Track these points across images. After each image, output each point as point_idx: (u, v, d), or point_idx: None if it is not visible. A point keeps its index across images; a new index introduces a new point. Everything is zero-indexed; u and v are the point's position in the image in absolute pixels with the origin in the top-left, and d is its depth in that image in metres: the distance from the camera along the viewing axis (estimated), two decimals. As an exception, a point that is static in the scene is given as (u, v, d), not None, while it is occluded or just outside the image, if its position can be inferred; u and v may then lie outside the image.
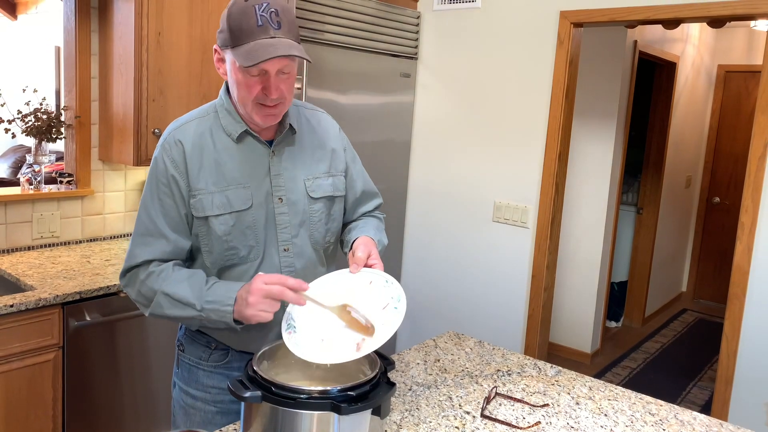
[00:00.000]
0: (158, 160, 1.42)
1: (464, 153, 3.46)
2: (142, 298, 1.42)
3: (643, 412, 1.57)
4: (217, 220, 1.40)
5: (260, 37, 1.29)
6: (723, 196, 5.89)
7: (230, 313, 1.31)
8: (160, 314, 1.40)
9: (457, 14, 3.43)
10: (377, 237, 1.54)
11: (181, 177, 1.40)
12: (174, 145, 1.41)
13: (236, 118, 1.44)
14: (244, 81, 1.34)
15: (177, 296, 1.36)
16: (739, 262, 2.68)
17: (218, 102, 1.47)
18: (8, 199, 2.64)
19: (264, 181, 1.45)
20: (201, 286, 1.36)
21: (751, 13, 2.57)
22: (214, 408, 1.53)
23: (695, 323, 5.53)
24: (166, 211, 1.41)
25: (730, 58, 5.69)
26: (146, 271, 1.41)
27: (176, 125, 1.45)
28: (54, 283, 2.29)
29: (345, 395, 1.12)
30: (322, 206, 1.52)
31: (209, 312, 1.33)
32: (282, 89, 1.36)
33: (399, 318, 1.26)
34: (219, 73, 1.43)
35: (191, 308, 1.35)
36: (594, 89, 4.28)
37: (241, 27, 1.29)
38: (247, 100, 1.36)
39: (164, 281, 1.38)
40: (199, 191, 1.40)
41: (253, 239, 1.44)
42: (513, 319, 3.33)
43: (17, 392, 2.14)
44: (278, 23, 1.30)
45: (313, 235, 1.52)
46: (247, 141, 1.45)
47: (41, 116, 2.71)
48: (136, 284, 1.42)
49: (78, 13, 2.72)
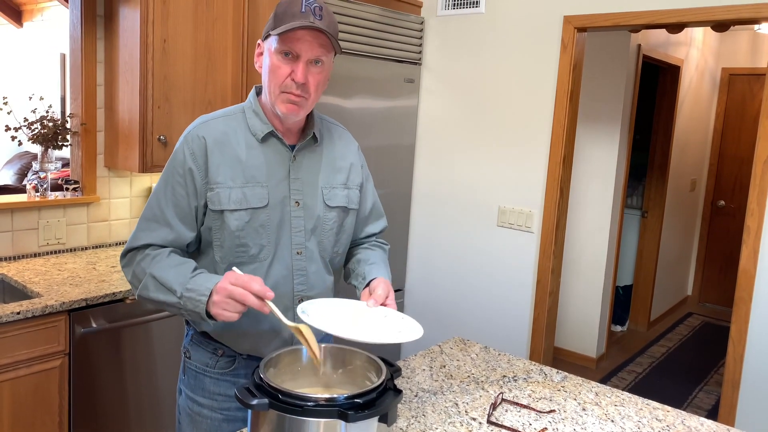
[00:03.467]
0: (178, 152, 1.45)
1: (468, 157, 3.46)
2: (135, 279, 1.44)
3: (650, 418, 1.57)
4: (232, 215, 1.42)
5: (300, 19, 1.36)
6: (728, 199, 5.87)
7: (204, 303, 1.30)
8: (146, 296, 1.41)
9: (460, 20, 3.43)
10: (390, 278, 1.58)
11: (198, 170, 1.43)
12: (196, 138, 1.44)
13: (263, 119, 1.48)
14: (277, 63, 1.40)
15: (162, 280, 1.37)
16: (745, 265, 2.68)
17: (246, 104, 1.52)
18: (15, 207, 2.65)
19: (282, 183, 1.47)
20: (186, 273, 1.37)
21: (755, 17, 2.57)
22: (221, 415, 1.54)
23: (701, 327, 5.51)
24: (176, 200, 1.44)
25: (734, 61, 5.69)
26: (143, 253, 1.44)
27: (201, 121, 1.49)
28: (60, 290, 2.30)
29: (352, 402, 1.12)
30: (335, 216, 1.55)
31: (186, 300, 1.33)
32: (310, 80, 1.41)
33: (418, 332, 1.31)
34: (256, 67, 1.49)
35: (172, 294, 1.35)
36: (598, 93, 4.28)
37: (285, 11, 1.38)
38: (274, 86, 1.41)
39: (155, 264, 1.40)
40: (218, 185, 1.42)
41: (265, 238, 1.46)
42: (518, 324, 3.33)
43: (24, 399, 2.14)
44: (320, 15, 1.38)
45: (322, 242, 1.54)
46: (271, 142, 1.48)
47: (47, 124, 2.72)
48: (132, 265, 1.44)
49: (84, 21, 2.74)
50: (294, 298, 1.50)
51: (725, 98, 5.79)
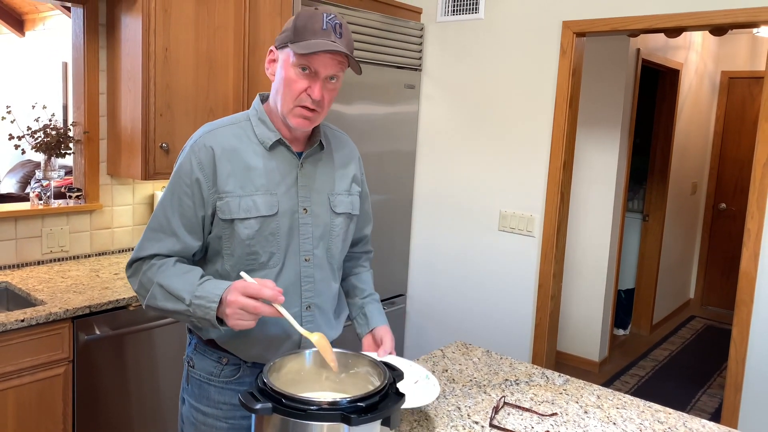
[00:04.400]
0: (184, 162, 1.45)
1: (469, 162, 3.47)
2: (142, 289, 1.44)
3: (652, 421, 1.57)
4: (242, 223, 1.43)
5: (322, 37, 1.38)
6: (729, 202, 5.88)
7: (213, 310, 1.32)
8: (154, 306, 1.41)
9: (460, 26, 3.45)
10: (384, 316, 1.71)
11: (206, 180, 1.43)
12: (204, 147, 1.44)
13: (270, 127, 1.48)
14: (294, 77, 1.41)
15: (170, 288, 1.38)
16: (745, 268, 2.68)
17: (251, 112, 1.52)
18: (18, 215, 2.67)
19: (291, 191, 1.48)
20: (194, 281, 1.38)
21: (753, 21, 2.58)
22: (225, 424, 1.53)
23: (704, 330, 5.51)
24: (183, 210, 1.44)
25: (733, 64, 5.70)
26: (149, 263, 1.44)
27: (207, 129, 1.49)
28: (64, 298, 2.31)
29: (355, 406, 1.13)
30: (342, 222, 1.57)
31: (196, 307, 1.34)
32: (324, 96, 1.42)
33: (436, 387, 1.48)
34: (267, 74, 1.50)
35: (181, 302, 1.36)
36: (598, 98, 4.30)
37: (306, 26, 1.39)
38: (288, 99, 1.42)
39: (162, 273, 1.41)
40: (227, 194, 1.43)
41: (275, 246, 1.46)
42: (520, 328, 3.33)
43: (28, 406, 2.15)
44: (340, 34, 1.40)
45: (330, 248, 1.55)
46: (279, 150, 1.49)
47: (50, 132, 2.74)
48: (138, 275, 1.45)
49: (86, 30, 2.76)
50: (302, 305, 1.51)
51: (725, 101, 5.80)
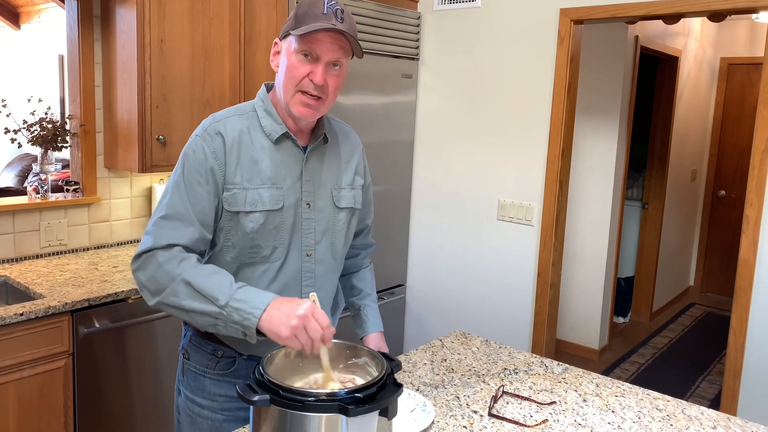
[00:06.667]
0: (197, 150, 1.40)
1: (467, 152, 3.46)
2: (153, 283, 1.33)
3: (651, 408, 1.58)
4: (247, 216, 1.41)
5: (323, 21, 1.36)
6: (729, 189, 5.87)
7: (256, 316, 1.24)
8: (171, 304, 1.31)
9: (457, 14, 3.43)
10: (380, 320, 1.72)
11: (220, 169, 1.40)
12: (216, 136, 1.41)
13: (276, 120, 1.46)
14: (296, 63, 1.38)
15: (200, 287, 1.28)
16: (744, 255, 2.68)
17: (257, 102, 1.49)
18: (16, 209, 2.66)
19: (295, 185, 1.47)
20: (230, 283, 1.30)
21: (752, 6, 2.57)
22: (222, 416, 1.53)
23: (703, 317, 5.52)
24: (197, 200, 1.39)
25: (732, 50, 5.68)
26: (167, 254, 1.33)
27: (216, 118, 1.46)
28: (63, 291, 2.31)
29: (352, 397, 1.13)
30: (345, 216, 1.55)
31: (232, 311, 1.25)
32: (328, 83, 1.40)
33: (430, 417, 1.44)
34: (272, 66, 1.47)
35: (213, 303, 1.27)
36: (596, 85, 4.28)
37: (307, 12, 1.37)
38: (290, 86, 1.39)
39: (188, 269, 1.31)
40: (234, 185, 1.41)
41: (279, 240, 1.45)
42: (520, 317, 3.34)
43: (29, 400, 2.16)
44: (342, 18, 1.38)
45: (334, 243, 1.54)
46: (285, 144, 1.47)
47: (47, 125, 2.73)
48: (149, 267, 1.33)
49: (81, 23, 2.74)
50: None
51: (724, 88, 5.78)
